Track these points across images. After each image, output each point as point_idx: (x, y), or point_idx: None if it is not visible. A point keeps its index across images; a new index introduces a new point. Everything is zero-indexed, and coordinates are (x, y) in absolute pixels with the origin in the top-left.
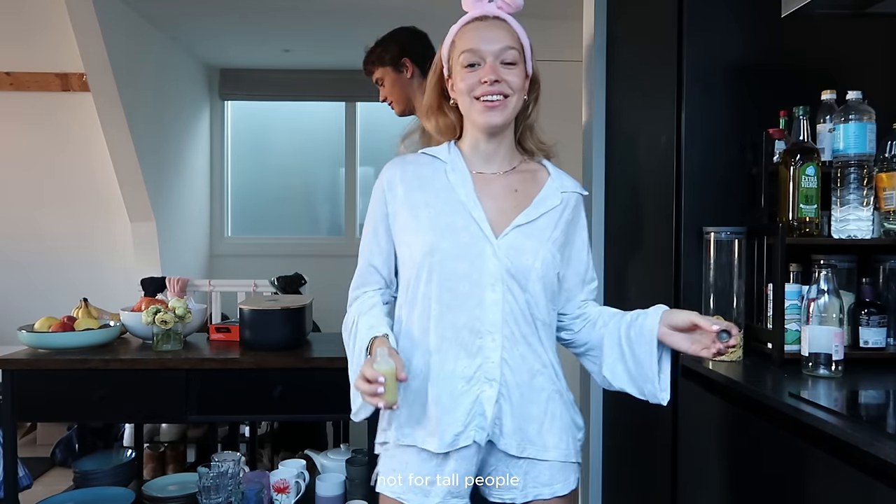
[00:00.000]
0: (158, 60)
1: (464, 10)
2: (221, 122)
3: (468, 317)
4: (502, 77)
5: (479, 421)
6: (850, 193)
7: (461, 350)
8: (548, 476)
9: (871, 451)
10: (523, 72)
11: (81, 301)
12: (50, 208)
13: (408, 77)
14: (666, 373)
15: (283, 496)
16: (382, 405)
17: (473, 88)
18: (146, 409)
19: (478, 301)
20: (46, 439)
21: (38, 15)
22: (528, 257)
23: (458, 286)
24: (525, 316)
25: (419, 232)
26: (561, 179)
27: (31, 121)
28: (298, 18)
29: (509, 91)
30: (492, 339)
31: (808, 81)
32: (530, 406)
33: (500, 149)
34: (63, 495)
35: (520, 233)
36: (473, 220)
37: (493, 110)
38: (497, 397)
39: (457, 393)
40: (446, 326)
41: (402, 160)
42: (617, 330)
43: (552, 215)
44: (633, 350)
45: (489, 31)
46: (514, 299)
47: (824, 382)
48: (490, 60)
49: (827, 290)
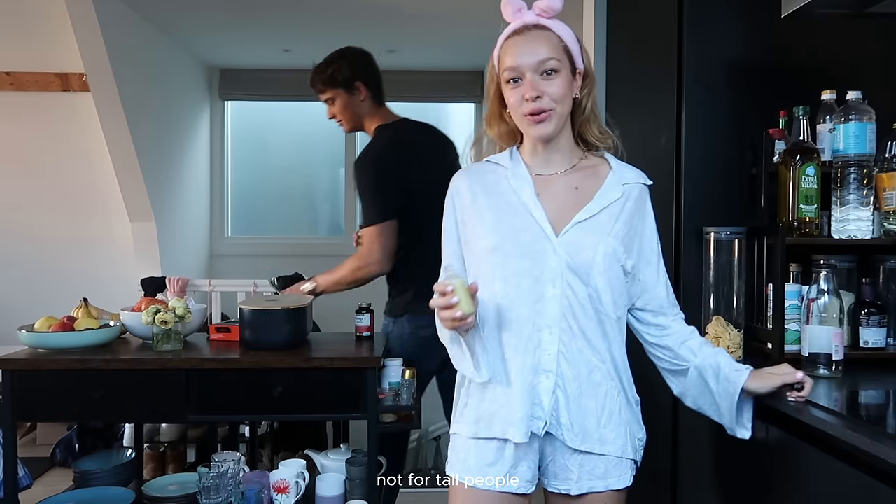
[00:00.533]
0: (158, 60)
1: (504, 20)
2: (221, 122)
3: (529, 311)
4: (542, 91)
5: (536, 411)
6: (850, 193)
7: (522, 343)
8: (603, 469)
9: (871, 451)
10: (567, 77)
11: (81, 301)
12: (50, 208)
13: (360, 99)
14: (748, 414)
15: (283, 496)
16: (459, 315)
17: (519, 104)
18: (146, 409)
19: (538, 297)
20: (46, 439)
21: (37, 15)
22: (588, 253)
23: (520, 283)
24: (586, 311)
25: (484, 235)
26: (622, 171)
27: (31, 121)
28: (298, 18)
29: (551, 104)
30: (549, 333)
31: (808, 81)
32: (588, 400)
33: (557, 150)
34: (63, 495)
35: (580, 229)
36: (534, 220)
37: (540, 123)
38: (553, 388)
39: (517, 384)
40: (511, 321)
41: (468, 170)
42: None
43: (613, 209)
44: (716, 401)
45: (527, 45)
46: (574, 294)
47: (824, 382)
48: (529, 76)
49: (827, 290)
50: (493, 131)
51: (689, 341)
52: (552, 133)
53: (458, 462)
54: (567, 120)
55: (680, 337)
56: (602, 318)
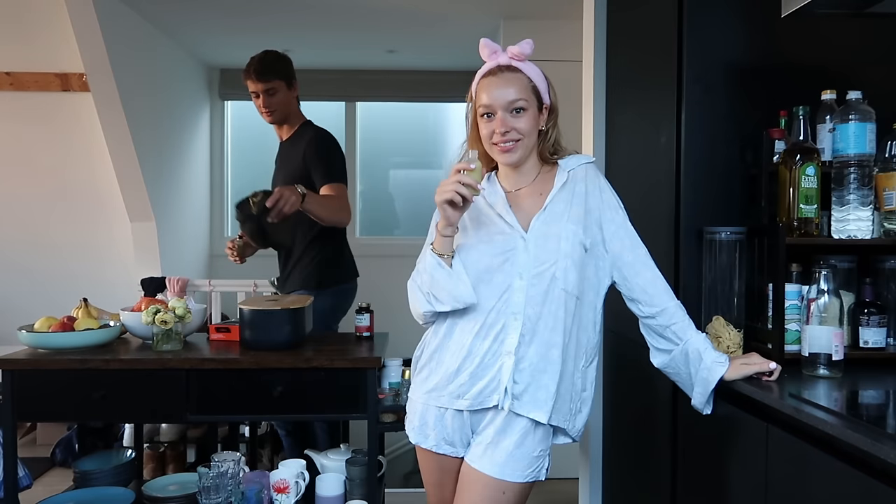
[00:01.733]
0: (158, 60)
1: (482, 59)
2: (221, 122)
3: (496, 302)
4: (511, 126)
5: (498, 387)
6: (850, 193)
7: (489, 329)
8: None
9: (871, 451)
10: (534, 114)
11: (81, 301)
12: (50, 208)
13: (294, 95)
14: (713, 395)
15: (283, 496)
16: (471, 181)
17: (490, 136)
18: (146, 409)
19: (506, 287)
20: (46, 439)
21: (38, 15)
22: (552, 241)
23: (489, 277)
24: (552, 293)
25: (466, 243)
26: (567, 162)
27: (31, 121)
28: (298, 19)
29: (519, 136)
30: (514, 319)
31: (808, 81)
32: (541, 376)
33: (524, 171)
34: (63, 495)
35: (542, 222)
36: (507, 224)
37: (508, 153)
38: (514, 367)
39: (484, 365)
40: (478, 310)
41: None
42: (684, 363)
43: (564, 195)
44: (692, 383)
45: (499, 86)
46: (541, 282)
47: (824, 382)
48: (500, 113)
49: (827, 290)
50: (474, 148)
51: (674, 325)
52: (517, 161)
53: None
54: (533, 149)
55: (669, 321)
56: (567, 298)
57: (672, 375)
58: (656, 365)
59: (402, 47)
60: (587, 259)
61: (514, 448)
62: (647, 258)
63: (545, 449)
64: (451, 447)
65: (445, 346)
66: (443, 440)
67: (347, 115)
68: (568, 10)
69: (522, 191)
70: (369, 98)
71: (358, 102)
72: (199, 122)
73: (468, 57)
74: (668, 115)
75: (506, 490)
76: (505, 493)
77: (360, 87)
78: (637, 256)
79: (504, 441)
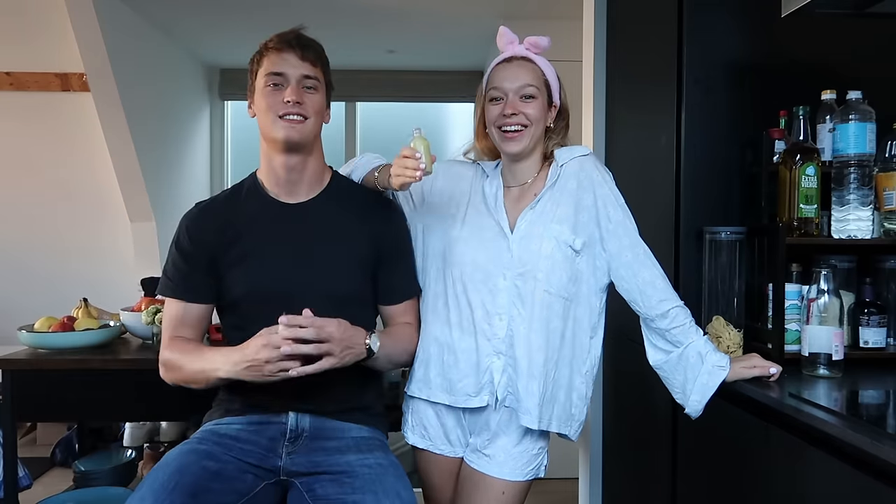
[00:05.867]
0: (158, 60)
1: (498, 49)
2: (221, 122)
3: (482, 300)
4: (519, 110)
5: (489, 387)
6: (850, 193)
7: (473, 326)
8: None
9: (871, 451)
10: (543, 104)
11: (81, 301)
12: (50, 208)
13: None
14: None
15: None
16: (423, 167)
17: (496, 120)
18: (146, 409)
19: (491, 287)
20: (46, 439)
21: (38, 15)
22: (535, 242)
23: (475, 274)
24: (535, 295)
25: (459, 235)
26: (559, 157)
27: (31, 121)
28: (298, 19)
29: (527, 122)
30: (499, 319)
31: (808, 81)
32: (529, 381)
33: (524, 167)
34: (63, 495)
35: (527, 222)
36: (496, 222)
37: (512, 140)
38: (504, 368)
39: (471, 363)
40: (464, 306)
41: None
42: (683, 366)
43: (551, 194)
44: (685, 387)
45: (512, 72)
46: (525, 283)
47: (824, 382)
48: (510, 97)
49: (827, 290)
50: (480, 145)
51: (675, 329)
52: (522, 150)
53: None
54: (538, 142)
55: (669, 324)
56: (552, 300)
57: (664, 376)
58: (651, 362)
59: (402, 47)
60: (582, 259)
61: (512, 447)
62: (646, 258)
63: (544, 446)
64: (448, 447)
65: (432, 335)
66: (440, 440)
67: (347, 115)
68: (568, 10)
69: (520, 188)
70: (369, 98)
71: (358, 102)
72: (199, 122)
73: (468, 57)
74: (668, 115)
75: (505, 489)
76: (505, 492)
77: (360, 87)
78: (636, 255)
79: (502, 440)
